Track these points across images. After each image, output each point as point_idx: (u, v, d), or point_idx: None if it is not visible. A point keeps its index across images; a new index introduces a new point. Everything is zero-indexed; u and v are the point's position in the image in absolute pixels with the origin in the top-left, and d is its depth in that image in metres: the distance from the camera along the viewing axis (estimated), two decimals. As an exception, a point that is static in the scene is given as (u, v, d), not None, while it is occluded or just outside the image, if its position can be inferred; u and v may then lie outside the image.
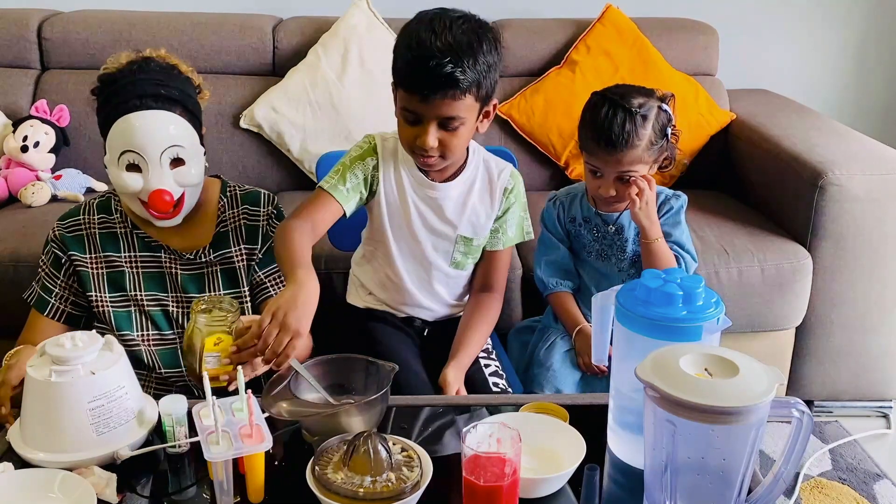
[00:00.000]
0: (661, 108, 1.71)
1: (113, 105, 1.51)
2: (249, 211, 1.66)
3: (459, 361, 1.63)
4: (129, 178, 1.51)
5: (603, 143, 1.68)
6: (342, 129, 2.56)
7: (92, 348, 1.24)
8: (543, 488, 1.18)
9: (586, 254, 1.84)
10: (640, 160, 1.69)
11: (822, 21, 3.06)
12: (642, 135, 1.67)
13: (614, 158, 1.69)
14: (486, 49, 1.50)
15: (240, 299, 1.64)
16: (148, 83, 1.51)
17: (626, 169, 1.70)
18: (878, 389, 2.39)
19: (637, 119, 1.66)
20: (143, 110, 1.49)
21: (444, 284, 1.75)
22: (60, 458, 1.21)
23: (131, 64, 1.54)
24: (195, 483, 1.22)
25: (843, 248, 2.22)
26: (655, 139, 1.69)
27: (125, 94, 1.50)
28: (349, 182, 1.61)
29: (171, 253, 1.62)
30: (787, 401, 1.00)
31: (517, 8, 2.92)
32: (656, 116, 1.69)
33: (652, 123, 1.68)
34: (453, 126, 1.51)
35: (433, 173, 1.65)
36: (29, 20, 2.71)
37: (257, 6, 2.89)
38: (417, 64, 1.45)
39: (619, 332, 1.16)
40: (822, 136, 2.38)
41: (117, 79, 1.53)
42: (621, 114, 1.67)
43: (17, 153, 2.46)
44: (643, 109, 1.67)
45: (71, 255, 1.61)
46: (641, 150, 1.68)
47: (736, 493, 1.01)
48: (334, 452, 1.18)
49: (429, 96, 1.46)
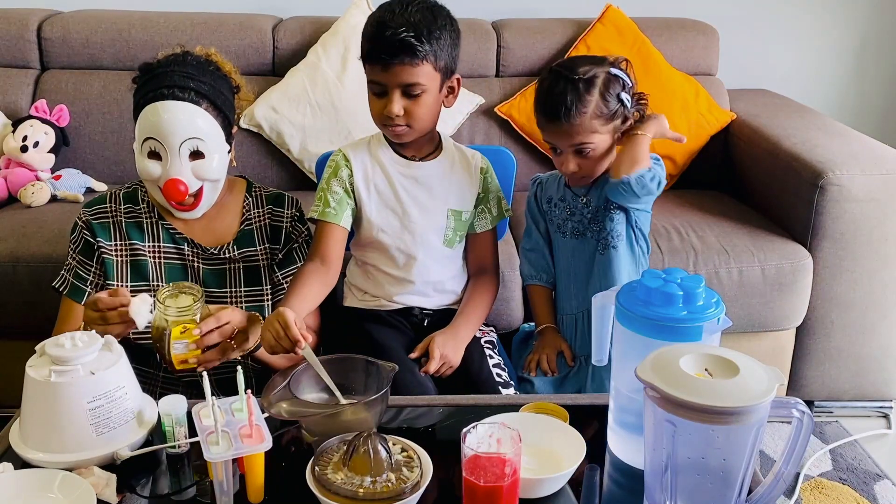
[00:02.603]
0: (610, 72, 1.64)
1: (144, 93, 1.57)
2: (274, 211, 1.72)
3: (455, 330, 1.71)
4: (150, 165, 1.56)
5: (549, 115, 1.65)
6: (342, 129, 2.56)
7: (92, 348, 1.24)
8: (543, 488, 1.18)
9: (561, 234, 1.81)
10: (592, 129, 1.63)
11: (822, 21, 3.06)
12: (587, 101, 1.61)
13: (562, 130, 1.64)
14: (441, 24, 1.61)
15: (261, 297, 1.68)
16: (179, 75, 1.56)
17: (579, 141, 1.64)
18: (878, 389, 2.38)
19: (579, 86, 1.61)
20: (170, 100, 1.54)
21: (440, 264, 1.78)
22: (60, 458, 1.21)
23: (170, 56, 1.61)
24: (195, 483, 1.22)
25: (843, 248, 2.22)
26: (605, 106, 1.62)
27: (157, 83, 1.56)
28: (332, 200, 1.70)
29: (194, 246, 1.66)
30: (788, 401, 1.00)
31: (517, 8, 2.92)
32: (604, 82, 1.62)
33: (599, 89, 1.62)
34: (415, 93, 1.60)
35: (412, 151, 1.73)
36: (29, 20, 2.71)
37: (257, 6, 2.89)
38: (377, 35, 1.58)
39: (619, 332, 1.16)
40: (822, 136, 2.38)
41: (154, 68, 1.58)
42: (562, 83, 1.62)
43: (16, 153, 2.46)
44: (587, 75, 1.61)
45: (98, 241, 1.64)
46: (589, 119, 1.62)
47: (736, 493, 1.01)
48: (334, 452, 1.18)
49: (388, 62, 1.57)
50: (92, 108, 2.62)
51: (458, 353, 1.70)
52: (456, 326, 1.73)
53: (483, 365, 1.72)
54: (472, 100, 2.66)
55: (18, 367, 1.26)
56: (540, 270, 1.87)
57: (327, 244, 1.68)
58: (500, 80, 2.77)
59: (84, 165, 2.59)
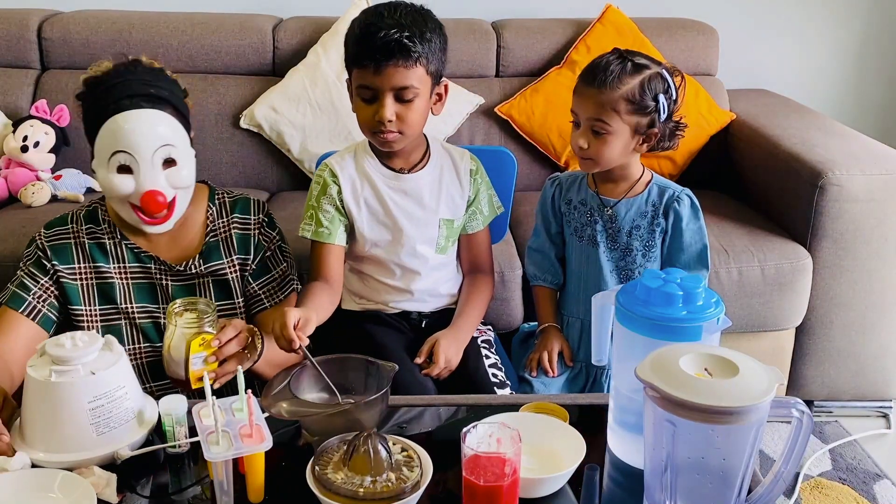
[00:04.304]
0: (661, 74, 1.63)
1: (102, 106, 1.47)
2: (239, 219, 1.64)
3: (457, 332, 1.70)
4: (120, 181, 1.47)
5: (586, 76, 1.64)
6: (342, 129, 2.56)
7: (92, 348, 1.24)
8: (543, 488, 1.18)
9: (577, 238, 1.78)
10: (616, 108, 1.61)
11: (821, 21, 3.06)
12: (626, 81, 1.60)
13: (589, 96, 1.62)
14: (431, 27, 1.58)
15: (234, 310, 1.63)
16: (137, 83, 1.49)
17: (598, 115, 1.62)
18: (878, 389, 2.38)
19: (627, 65, 1.61)
20: (134, 109, 1.46)
21: (436, 272, 1.77)
22: (60, 458, 1.21)
23: (118, 66, 1.52)
24: (195, 483, 1.23)
25: (843, 248, 2.22)
26: (640, 98, 1.60)
27: (115, 94, 1.47)
28: (324, 219, 1.68)
29: (160, 264, 1.58)
30: (787, 401, 1.00)
31: (517, 8, 2.92)
32: (650, 77, 1.61)
33: (642, 79, 1.61)
34: (408, 97, 1.57)
35: (400, 162, 1.70)
36: (29, 20, 2.71)
37: (257, 6, 2.89)
38: (369, 38, 1.53)
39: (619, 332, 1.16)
40: (822, 136, 2.38)
41: (104, 80, 1.49)
42: (614, 56, 1.63)
43: (17, 153, 2.46)
44: (639, 62, 1.62)
45: (55, 265, 1.56)
46: (619, 96, 1.60)
47: (736, 493, 1.01)
48: (334, 452, 1.18)
49: (381, 64, 1.53)
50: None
51: (459, 354, 1.70)
52: (457, 328, 1.72)
53: (479, 365, 1.71)
54: (472, 100, 2.65)
55: (18, 367, 1.26)
56: (545, 272, 1.86)
57: (327, 263, 1.67)
58: (500, 80, 2.77)
59: (84, 165, 2.58)
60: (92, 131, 1.50)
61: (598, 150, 1.65)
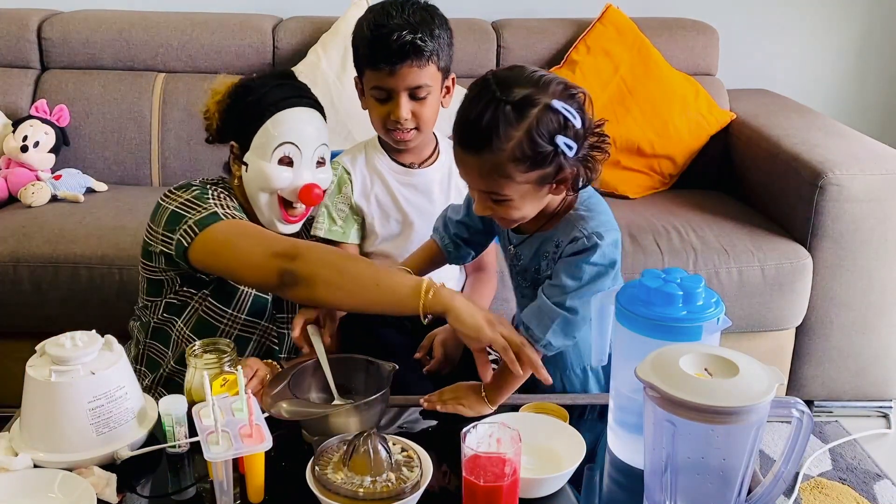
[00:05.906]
0: (549, 105, 1.20)
1: (271, 102, 1.54)
2: None
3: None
4: (280, 172, 1.53)
5: (461, 139, 1.26)
6: (342, 129, 2.55)
7: (92, 348, 1.24)
8: (543, 488, 1.18)
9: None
10: (505, 174, 1.22)
11: (822, 21, 3.06)
12: (509, 135, 1.19)
13: (470, 162, 1.25)
14: (438, 23, 1.60)
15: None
16: (304, 87, 1.61)
17: (489, 185, 1.25)
18: (878, 389, 2.38)
19: (504, 111, 1.19)
20: (305, 107, 1.56)
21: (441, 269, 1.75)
22: (60, 457, 1.21)
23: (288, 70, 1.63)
24: (195, 483, 1.22)
25: (843, 248, 2.22)
26: (532, 150, 1.20)
27: (296, 89, 1.58)
28: (338, 218, 1.71)
29: None
30: (787, 401, 1.00)
31: (517, 8, 2.92)
32: (538, 119, 1.20)
33: (528, 126, 1.19)
34: (422, 95, 1.59)
35: (411, 157, 1.71)
36: (29, 20, 2.71)
37: (257, 6, 2.89)
38: (381, 40, 1.54)
39: (619, 332, 1.16)
40: (822, 136, 2.38)
41: (289, 76, 1.63)
42: (484, 101, 1.21)
43: (16, 153, 2.46)
44: (518, 100, 1.20)
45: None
46: (505, 158, 1.20)
47: (736, 493, 1.01)
48: (334, 452, 1.18)
49: (396, 66, 1.55)
50: (92, 108, 2.62)
51: (459, 349, 1.69)
52: None
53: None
54: (472, 100, 2.65)
55: (18, 367, 1.26)
56: (448, 231, 1.55)
57: None
58: (499, 80, 2.76)
59: (84, 165, 2.59)
60: (250, 123, 1.54)
61: (507, 214, 1.30)
